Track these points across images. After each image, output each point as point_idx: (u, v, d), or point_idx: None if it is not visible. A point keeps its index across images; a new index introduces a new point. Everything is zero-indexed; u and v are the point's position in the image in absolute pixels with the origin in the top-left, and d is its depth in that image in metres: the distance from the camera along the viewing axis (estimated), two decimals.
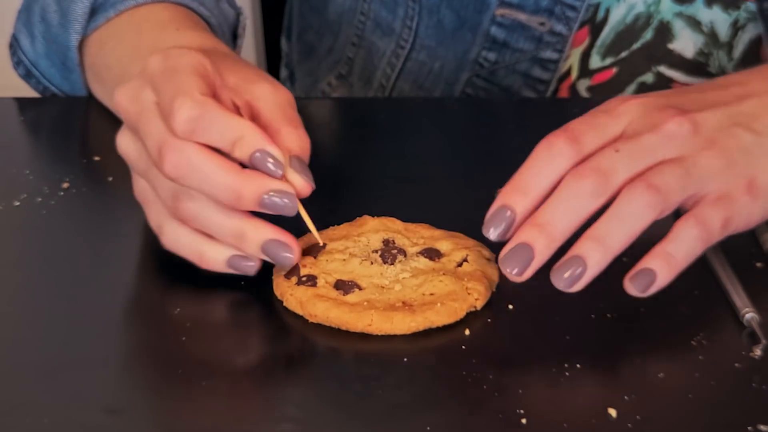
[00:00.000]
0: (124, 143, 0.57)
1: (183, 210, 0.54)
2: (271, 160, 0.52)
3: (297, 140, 0.55)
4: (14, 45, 0.80)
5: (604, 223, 0.51)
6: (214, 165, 0.52)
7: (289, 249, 0.54)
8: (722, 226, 0.53)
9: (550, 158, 0.52)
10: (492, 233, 0.52)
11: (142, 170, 0.56)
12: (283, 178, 0.53)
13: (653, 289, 0.51)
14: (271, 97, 0.57)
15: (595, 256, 0.51)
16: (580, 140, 0.52)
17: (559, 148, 0.52)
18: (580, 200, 0.51)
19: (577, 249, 0.51)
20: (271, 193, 0.52)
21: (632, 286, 0.51)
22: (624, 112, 0.54)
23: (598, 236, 0.51)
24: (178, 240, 0.55)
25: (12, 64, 0.81)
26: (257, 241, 0.53)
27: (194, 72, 0.53)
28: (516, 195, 0.52)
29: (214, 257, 0.55)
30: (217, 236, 0.54)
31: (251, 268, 0.55)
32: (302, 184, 0.54)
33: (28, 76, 0.80)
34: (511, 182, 0.53)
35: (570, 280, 0.51)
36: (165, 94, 0.52)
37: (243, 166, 0.53)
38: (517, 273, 0.51)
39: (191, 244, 0.55)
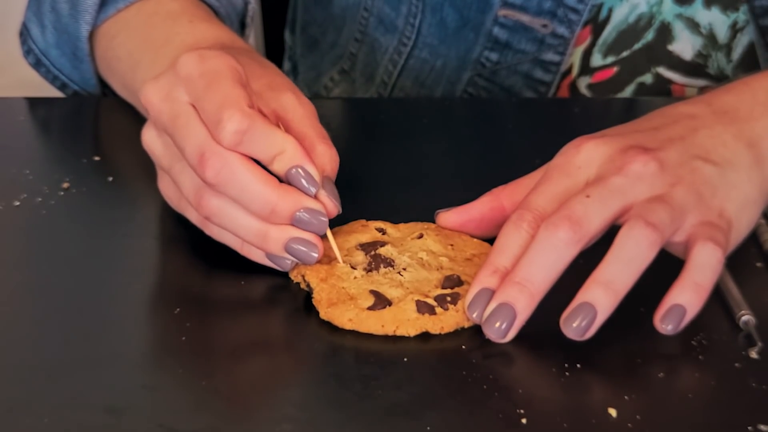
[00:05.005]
0: (149, 138, 0.57)
1: (206, 207, 0.54)
2: (307, 177, 0.54)
3: (330, 159, 0.56)
4: (24, 33, 0.80)
5: (610, 267, 0.51)
6: (254, 177, 0.53)
7: (312, 247, 0.54)
8: (728, 248, 0.54)
9: (520, 238, 0.53)
10: (476, 316, 0.52)
11: (166, 166, 0.57)
12: (315, 196, 0.54)
13: (686, 323, 0.51)
14: (299, 108, 0.58)
15: (604, 301, 0.50)
16: (545, 217, 0.53)
17: (527, 229, 0.53)
18: (556, 251, 0.51)
19: (586, 295, 0.51)
20: (304, 211, 0.53)
21: (664, 325, 0.51)
22: (582, 163, 0.55)
23: (606, 281, 0.51)
24: (221, 233, 0.56)
25: (22, 53, 0.80)
26: (280, 240, 0.54)
27: (236, 80, 0.53)
28: (495, 277, 0.52)
29: (255, 250, 0.56)
30: (239, 235, 0.55)
31: (287, 265, 0.56)
32: (331, 205, 0.55)
33: (38, 65, 0.80)
34: (487, 265, 0.53)
35: (582, 329, 0.51)
36: (209, 101, 0.53)
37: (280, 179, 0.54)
38: (500, 336, 0.52)
39: (234, 237, 0.56)
